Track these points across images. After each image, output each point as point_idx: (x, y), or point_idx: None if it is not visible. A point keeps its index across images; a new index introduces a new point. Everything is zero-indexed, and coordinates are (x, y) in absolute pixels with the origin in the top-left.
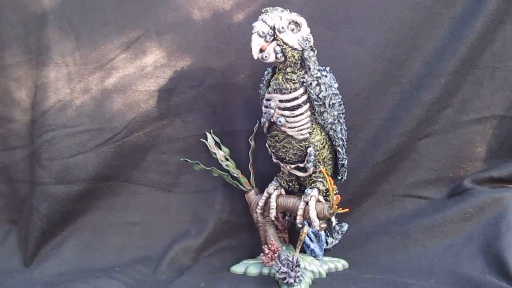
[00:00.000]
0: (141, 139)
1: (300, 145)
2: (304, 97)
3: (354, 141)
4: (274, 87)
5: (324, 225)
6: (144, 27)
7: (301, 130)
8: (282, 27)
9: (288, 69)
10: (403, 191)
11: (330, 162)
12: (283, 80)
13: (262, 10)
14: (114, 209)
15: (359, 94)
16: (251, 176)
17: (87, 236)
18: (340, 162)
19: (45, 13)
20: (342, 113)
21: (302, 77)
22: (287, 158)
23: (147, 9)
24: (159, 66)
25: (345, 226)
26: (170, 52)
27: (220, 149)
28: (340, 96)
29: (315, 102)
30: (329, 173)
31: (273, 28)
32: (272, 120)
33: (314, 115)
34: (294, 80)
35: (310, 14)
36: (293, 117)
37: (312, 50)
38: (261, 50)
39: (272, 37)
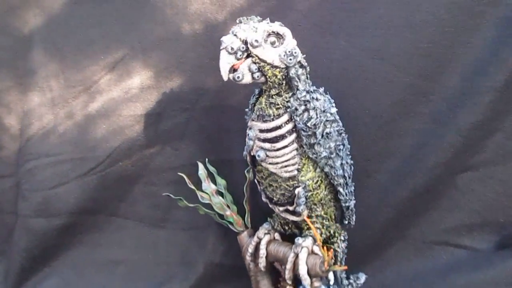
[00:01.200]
0: (127, 169)
1: (287, 185)
2: (289, 126)
3: (374, 175)
4: (257, 113)
5: (317, 284)
6: (129, 45)
7: (285, 166)
8: (257, 41)
9: (272, 91)
10: (436, 237)
11: (331, 203)
12: (266, 105)
13: (237, 21)
14: (98, 246)
15: (379, 117)
16: (246, 214)
17: (69, 274)
18: (344, 205)
19: (31, 34)
20: (343, 144)
21: (287, 101)
22: (274, 198)
23: (132, 24)
24: (145, 88)
25: (362, 278)
26: (157, 71)
27: (215, 181)
28: (340, 123)
29: (303, 132)
30: (333, 217)
31: (246, 43)
32: (253, 154)
33: (302, 147)
34: (278, 104)
35: (316, 21)
36: (275, 150)
37: (301, 66)
38: (234, 70)
39: (246, 53)
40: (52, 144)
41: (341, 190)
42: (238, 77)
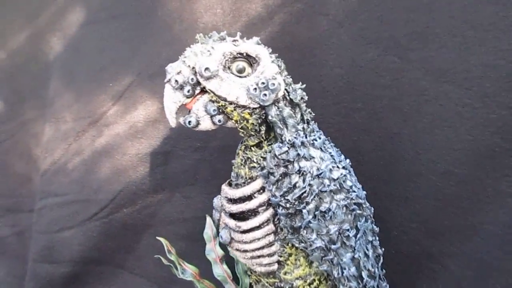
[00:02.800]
0: (132, 216)
1: (268, 282)
2: (263, 197)
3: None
4: (234, 171)
5: None
6: (136, 70)
7: (258, 257)
8: (208, 69)
9: (250, 141)
10: None
11: None
12: (241, 160)
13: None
14: None
15: (453, 174)
16: None
17: None
18: None
19: (54, 60)
20: (356, 227)
21: (265, 157)
22: None
23: (139, 46)
24: (151, 121)
25: None
26: None
27: None
28: (353, 194)
29: (280, 210)
30: None
31: (195, 72)
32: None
33: (285, 231)
34: (252, 161)
35: (356, 32)
36: (241, 232)
37: (291, 103)
38: (189, 111)
39: (199, 88)
40: (60, 182)
41: None
42: (190, 122)
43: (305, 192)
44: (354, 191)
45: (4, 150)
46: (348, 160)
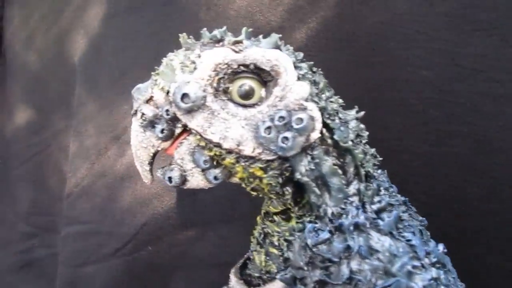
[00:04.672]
0: (158, 255)
1: None
2: None
3: None
4: (252, 246)
5: None
6: None
7: None
8: (185, 97)
9: (273, 205)
10: None
11: None
12: (260, 233)
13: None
14: None
15: None
16: None
17: None
18: None
19: (76, 63)
20: None
21: (291, 241)
22: None
23: (162, 45)
24: None
25: None
26: None
27: None
28: None
29: None
30: None
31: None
32: None
33: None
34: (273, 243)
35: (454, 12)
36: None
37: (332, 151)
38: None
39: (182, 125)
40: (84, 208)
41: None
42: (171, 179)
43: None
44: None
45: (39, 163)
46: (441, 246)
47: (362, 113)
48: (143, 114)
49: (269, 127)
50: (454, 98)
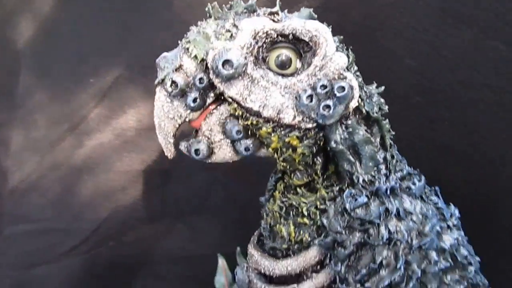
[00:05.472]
0: (121, 252)
1: None
2: (321, 279)
3: None
4: (264, 223)
5: None
6: (124, 62)
7: None
8: (227, 63)
9: (296, 177)
10: None
11: None
12: (281, 207)
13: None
14: None
15: None
16: None
17: None
18: None
19: (24, 48)
20: None
21: (324, 209)
22: None
23: (127, 32)
24: (145, 129)
25: None
26: None
27: None
28: (468, 274)
29: None
30: None
31: (206, 67)
32: None
33: None
34: (302, 213)
35: (439, 5)
36: None
37: (362, 121)
38: (197, 131)
39: (213, 93)
40: (32, 205)
41: None
42: (198, 151)
43: (399, 276)
44: (471, 263)
45: None
46: (457, 210)
47: (382, 88)
48: (173, 82)
49: (310, 96)
50: (436, 86)
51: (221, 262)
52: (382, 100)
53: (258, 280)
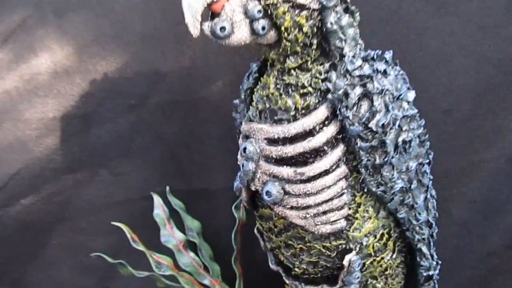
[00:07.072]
0: (34, 209)
1: (324, 247)
2: (331, 130)
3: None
4: (260, 106)
5: None
6: (32, 3)
7: (325, 213)
8: None
9: (290, 61)
10: None
11: (398, 271)
12: (278, 88)
13: None
14: None
15: (454, 112)
16: (236, 282)
17: None
18: (425, 274)
19: None
20: (428, 161)
21: (324, 78)
22: (297, 269)
23: None
24: (61, 72)
25: None
26: (80, 45)
27: (181, 224)
28: (421, 121)
29: (360, 143)
30: None
31: None
32: (252, 188)
33: (357, 173)
34: (303, 86)
35: None
36: (303, 182)
37: (347, 11)
38: (213, 14)
39: None
40: None
41: (424, 249)
42: (223, 28)
43: (388, 118)
44: (421, 118)
45: None
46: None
47: None
48: None
49: None
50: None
51: (156, 198)
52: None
53: (269, 145)
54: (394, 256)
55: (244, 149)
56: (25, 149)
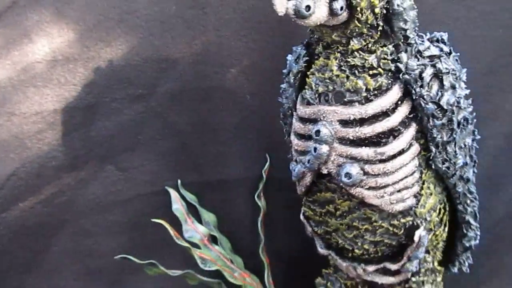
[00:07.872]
0: (35, 212)
1: (392, 225)
2: (404, 109)
3: None
4: (321, 89)
5: None
6: None
7: (399, 191)
8: None
9: (354, 43)
10: None
11: (443, 245)
12: (343, 70)
13: None
14: None
15: None
16: (265, 274)
17: None
18: (467, 244)
19: None
20: (475, 137)
21: (393, 59)
22: (357, 251)
23: None
24: (61, 60)
25: None
26: (83, 30)
27: (200, 221)
28: (470, 101)
29: (433, 121)
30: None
31: None
32: (324, 172)
33: (424, 151)
34: (372, 66)
35: None
36: (383, 161)
37: None
38: None
39: None
40: None
41: (471, 221)
42: (308, 7)
43: (456, 96)
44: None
45: None
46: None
47: None
48: None
49: None
50: None
51: (173, 193)
52: None
53: (343, 127)
54: (446, 229)
55: (317, 132)
56: (23, 147)
